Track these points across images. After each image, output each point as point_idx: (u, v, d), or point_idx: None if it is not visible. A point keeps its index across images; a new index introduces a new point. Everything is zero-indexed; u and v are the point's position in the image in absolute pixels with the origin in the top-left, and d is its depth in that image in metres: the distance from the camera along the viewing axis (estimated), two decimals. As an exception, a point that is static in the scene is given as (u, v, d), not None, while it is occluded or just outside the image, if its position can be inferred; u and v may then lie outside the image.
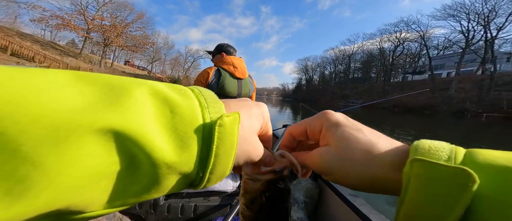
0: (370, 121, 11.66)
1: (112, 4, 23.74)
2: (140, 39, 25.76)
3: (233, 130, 0.14)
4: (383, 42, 31.89)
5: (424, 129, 8.78)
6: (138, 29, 25.67)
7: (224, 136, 0.13)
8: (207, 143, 0.13)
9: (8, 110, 0.07)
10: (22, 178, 0.08)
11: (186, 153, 0.12)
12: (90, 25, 21.31)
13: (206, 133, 0.13)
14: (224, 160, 0.14)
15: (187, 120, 0.12)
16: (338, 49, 44.13)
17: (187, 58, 49.41)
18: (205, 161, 0.13)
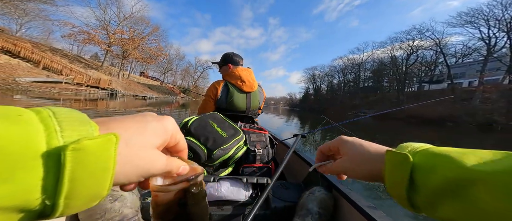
0: (383, 131, 11.01)
1: (131, 18, 25.76)
2: (154, 51, 27.37)
3: (103, 151, 0.13)
4: (395, 50, 30.98)
5: (447, 143, 8.04)
6: (153, 42, 27.41)
7: (85, 160, 0.13)
8: (55, 169, 0.12)
9: None
10: None
11: (3, 185, 0.10)
12: (112, 39, 23.19)
13: (51, 159, 0.12)
14: (90, 183, 0.13)
15: (6, 149, 0.11)
16: (347, 58, 43.50)
17: (197, 68, 51.48)
18: (54, 188, 0.12)
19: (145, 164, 0.17)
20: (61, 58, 18.53)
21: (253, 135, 1.06)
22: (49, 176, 0.12)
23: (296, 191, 0.93)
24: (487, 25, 19.59)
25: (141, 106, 12.14)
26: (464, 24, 21.52)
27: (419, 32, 26.26)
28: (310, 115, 27.11)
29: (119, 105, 11.48)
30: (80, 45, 29.74)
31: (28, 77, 11.52)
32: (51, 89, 12.13)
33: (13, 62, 12.42)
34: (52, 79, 13.23)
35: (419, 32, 26.26)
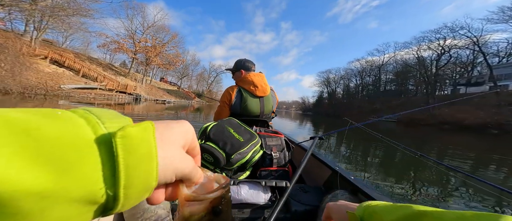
0: (408, 138, 9.97)
1: (154, 27, 28.03)
2: (173, 57, 29.24)
3: (144, 137, 0.14)
4: (422, 50, 28.36)
5: (490, 152, 6.94)
6: (172, 48, 29.37)
7: (132, 146, 0.13)
8: (108, 158, 0.12)
9: None
10: None
11: (67, 177, 0.11)
12: (137, 47, 25.39)
13: (103, 148, 0.12)
14: (141, 171, 0.13)
15: (57, 141, 0.11)
16: (365, 60, 41.32)
17: (211, 73, 53.51)
18: (113, 177, 0.13)
19: (180, 161, 0.17)
20: (97, 66, 20.85)
21: (269, 139, 1.09)
22: (105, 165, 0.12)
23: (317, 195, 0.91)
24: None
25: (161, 110, 12.79)
26: (508, 20, 19.14)
27: (452, 30, 23.79)
28: (325, 119, 26.01)
29: (142, 109, 12.30)
30: (112, 54, 33.13)
31: (70, 84, 13.10)
32: (88, 95, 13.67)
33: (59, 71, 14.26)
34: (89, 86, 14.89)
35: (452, 30, 23.79)
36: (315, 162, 1.28)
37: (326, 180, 1.11)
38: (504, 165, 4.97)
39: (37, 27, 14.81)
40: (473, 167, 4.77)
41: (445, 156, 5.92)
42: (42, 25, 14.83)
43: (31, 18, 12.70)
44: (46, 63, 13.77)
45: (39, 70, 11.97)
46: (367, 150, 6.10)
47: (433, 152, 6.68)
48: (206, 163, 1.02)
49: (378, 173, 3.86)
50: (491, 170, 4.52)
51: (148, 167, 0.14)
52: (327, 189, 0.97)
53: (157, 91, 29.43)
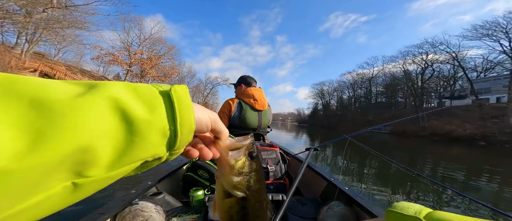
0: (401, 149, 10.10)
1: (150, 39, 28.02)
2: (169, 69, 29.05)
3: (185, 92, 0.21)
4: (407, 64, 30.06)
5: (481, 163, 7.08)
6: (168, 60, 29.27)
7: (180, 97, 0.20)
8: (169, 104, 0.19)
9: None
10: (43, 130, 0.12)
11: (155, 113, 0.18)
12: (132, 59, 25.09)
13: (165, 97, 0.19)
14: (187, 113, 0.20)
15: (147, 92, 0.19)
16: (356, 73, 43.00)
17: (207, 85, 53.74)
18: (173, 115, 0.19)
19: (211, 114, 0.24)
20: (89, 79, 20.45)
21: (264, 152, 1.08)
22: (168, 108, 0.19)
23: (314, 207, 0.91)
24: (508, 38, 18.56)
25: None
26: (481, 37, 20.57)
27: (432, 46, 25.50)
28: (321, 131, 26.15)
29: None
30: (105, 66, 32.62)
31: None
32: None
33: None
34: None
35: (432, 46, 25.50)
36: (311, 173, 1.28)
37: (322, 192, 1.11)
38: (495, 177, 5.10)
39: (29, 40, 14.59)
40: (466, 178, 4.83)
41: (439, 168, 5.98)
42: (35, 37, 14.65)
43: (24, 31, 12.44)
44: (35, 77, 13.41)
45: (27, 83, 11.61)
46: (363, 161, 6.06)
47: (428, 164, 6.77)
48: (202, 180, 1.03)
49: (374, 184, 3.81)
50: (483, 182, 4.58)
51: (189, 112, 0.20)
52: (324, 201, 0.97)
53: (150, 104, 28.89)
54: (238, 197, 0.27)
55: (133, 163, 0.17)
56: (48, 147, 0.12)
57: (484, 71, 24.57)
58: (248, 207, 0.28)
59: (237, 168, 0.26)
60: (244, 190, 0.26)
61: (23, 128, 0.11)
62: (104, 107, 0.15)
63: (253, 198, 0.28)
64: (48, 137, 0.12)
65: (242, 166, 0.26)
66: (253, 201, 0.28)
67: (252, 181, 0.27)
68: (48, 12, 9.48)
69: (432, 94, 29.81)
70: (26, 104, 0.12)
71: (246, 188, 0.26)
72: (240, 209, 0.27)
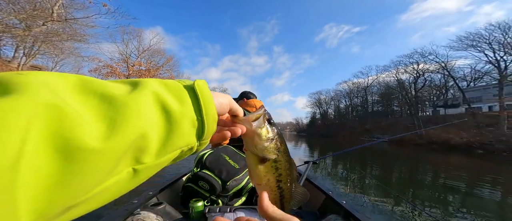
0: (402, 158, 10.00)
1: (149, 51, 28.11)
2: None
3: (205, 87, 0.24)
4: (400, 73, 30.82)
5: (481, 172, 7.00)
6: (166, 72, 29.01)
7: (203, 90, 0.23)
8: (194, 97, 0.22)
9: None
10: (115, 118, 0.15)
11: (185, 105, 0.21)
12: (131, 71, 25.05)
13: (190, 91, 0.22)
14: (210, 104, 0.23)
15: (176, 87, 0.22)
16: (351, 82, 43.67)
17: None
18: (198, 107, 0.22)
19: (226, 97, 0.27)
20: None
21: None
22: (194, 101, 0.22)
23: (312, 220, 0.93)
24: (491, 48, 19.30)
25: None
26: (466, 48, 21.36)
27: (422, 56, 26.25)
28: (320, 140, 25.96)
29: None
30: (103, 78, 32.25)
31: None
32: None
33: None
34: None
35: (422, 56, 26.25)
36: (310, 186, 1.30)
37: (321, 205, 1.12)
38: (497, 186, 5.03)
39: (27, 53, 14.58)
40: (469, 188, 4.74)
41: (441, 177, 5.88)
42: (33, 50, 14.65)
43: (22, 44, 12.43)
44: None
45: (21, 97, 11.40)
46: (363, 171, 5.93)
47: (429, 173, 6.67)
48: (202, 191, 1.04)
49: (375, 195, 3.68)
50: (486, 191, 4.49)
51: (211, 103, 0.23)
52: (322, 214, 0.98)
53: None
54: (271, 160, 0.30)
55: (174, 151, 0.20)
56: (120, 132, 0.14)
57: (473, 80, 25.37)
58: (281, 167, 0.32)
59: (264, 134, 0.29)
60: (275, 151, 0.30)
61: (101, 115, 0.14)
62: (151, 100, 0.18)
63: (283, 157, 0.32)
64: (119, 124, 0.15)
65: (267, 132, 0.30)
66: (284, 160, 0.32)
67: (278, 143, 0.31)
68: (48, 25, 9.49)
69: (426, 103, 30.37)
70: (98, 98, 0.15)
71: (276, 150, 0.30)
72: (274, 170, 0.31)
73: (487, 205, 3.58)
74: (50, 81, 0.14)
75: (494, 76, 20.07)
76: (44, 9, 8.22)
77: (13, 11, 8.23)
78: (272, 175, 0.31)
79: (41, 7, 8.25)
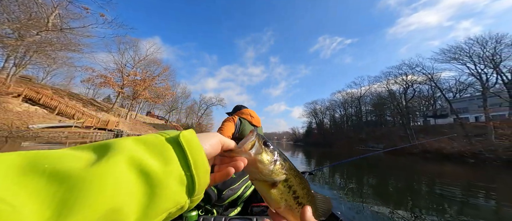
0: (398, 168, 10.02)
1: (145, 60, 27.63)
2: (162, 90, 28.13)
3: (192, 135, 0.22)
4: (391, 84, 31.74)
5: (475, 180, 7.06)
6: (162, 81, 28.49)
7: (190, 142, 0.21)
8: (180, 151, 0.20)
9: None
10: (66, 199, 0.12)
11: (169, 162, 0.19)
12: (125, 81, 24.27)
13: (175, 144, 0.21)
14: (199, 156, 0.21)
15: (157, 143, 0.20)
16: (345, 92, 44.83)
17: (201, 105, 52.89)
18: (186, 161, 0.20)
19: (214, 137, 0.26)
20: (77, 102, 19.59)
21: None
22: (180, 155, 0.20)
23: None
24: (472, 61, 20.17)
25: None
26: (450, 61, 22.22)
27: (410, 67, 27.20)
28: (316, 150, 25.80)
29: None
30: (96, 88, 31.53)
31: (41, 123, 11.84)
32: (60, 134, 12.29)
33: (31, 109, 13.03)
34: (63, 124, 13.51)
35: (410, 67, 27.20)
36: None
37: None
38: (491, 193, 5.12)
39: (17, 63, 14.14)
40: (465, 196, 4.76)
41: (437, 186, 5.90)
42: (24, 60, 14.24)
43: (13, 54, 12.05)
44: (18, 102, 12.63)
45: (8, 110, 10.93)
46: (360, 180, 5.87)
47: (424, 181, 6.69)
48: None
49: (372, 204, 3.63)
50: (482, 199, 4.52)
51: (201, 154, 0.21)
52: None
53: (142, 126, 27.74)
54: (282, 181, 0.29)
55: (159, 216, 0.18)
56: (73, 214, 0.12)
57: (458, 91, 26.51)
58: (293, 184, 0.31)
59: (266, 159, 0.28)
60: (283, 171, 0.29)
61: (46, 200, 0.12)
62: (124, 166, 0.16)
63: (292, 174, 0.31)
64: (71, 206, 0.12)
65: (268, 155, 0.29)
66: (293, 176, 0.31)
67: (282, 161, 0.30)
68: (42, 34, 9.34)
69: (417, 113, 31.28)
70: (46, 178, 0.13)
71: (283, 169, 0.29)
72: (288, 190, 0.30)
73: (482, 213, 3.57)
74: None
75: (477, 87, 20.86)
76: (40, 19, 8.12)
77: (7, 20, 8.10)
78: (288, 195, 0.30)
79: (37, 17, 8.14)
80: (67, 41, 12.04)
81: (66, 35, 10.06)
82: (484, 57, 19.37)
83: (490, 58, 18.83)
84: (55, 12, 7.50)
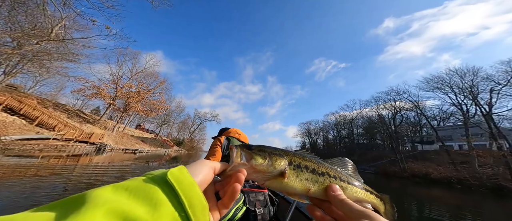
0: (390, 190, 9.98)
1: (143, 73, 27.06)
2: (156, 103, 27.33)
3: (182, 171, 0.20)
4: (380, 109, 32.60)
5: (463, 206, 7.17)
6: (157, 94, 27.86)
7: (179, 179, 0.19)
8: (170, 191, 0.18)
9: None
10: None
11: (159, 207, 0.17)
12: (119, 92, 23.42)
13: (163, 185, 0.19)
14: (193, 192, 0.19)
15: (141, 187, 0.18)
16: (338, 114, 46.02)
17: (195, 120, 51.55)
18: (178, 202, 0.18)
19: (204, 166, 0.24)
20: (61, 113, 18.73)
21: (252, 194, 1.09)
22: (170, 196, 0.18)
23: None
24: (453, 92, 21.15)
25: (128, 160, 11.41)
26: (433, 89, 23.17)
27: (398, 94, 28.31)
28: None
29: (104, 159, 10.81)
30: (85, 100, 30.37)
31: (16, 135, 11.13)
32: (34, 146, 11.43)
33: (9, 120, 12.30)
34: (41, 136, 12.71)
35: (398, 94, 28.31)
36: (299, 216, 1.29)
37: None
38: (478, 219, 5.26)
39: (8, 71, 13.61)
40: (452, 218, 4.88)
41: (425, 209, 5.94)
42: (16, 69, 13.78)
43: (6, 62, 11.66)
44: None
45: (-17, 119, 10.20)
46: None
47: (414, 205, 6.73)
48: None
49: None
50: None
51: (195, 190, 0.19)
52: None
53: (129, 139, 26.45)
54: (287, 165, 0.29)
55: None
56: None
57: (442, 120, 27.91)
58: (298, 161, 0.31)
59: (259, 158, 0.28)
60: (280, 158, 0.29)
61: None
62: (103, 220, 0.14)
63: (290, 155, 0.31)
64: None
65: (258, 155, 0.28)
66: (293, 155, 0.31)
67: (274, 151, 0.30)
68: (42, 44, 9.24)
69: (405, 138, 32.28)
70: None
71: (280, 157, 0.29)
72: (299, 169, 0.30)
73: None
74: None
75: (459, 117, 21.76)
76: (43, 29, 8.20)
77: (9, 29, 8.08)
78: (303, 174, 0.30)
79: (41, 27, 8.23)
80: (66, 51, 11.83)
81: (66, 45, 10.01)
82: (463, 88, 20.32)
83: (469, 90, 19.72)
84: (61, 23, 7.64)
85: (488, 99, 18.34)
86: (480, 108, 18.83)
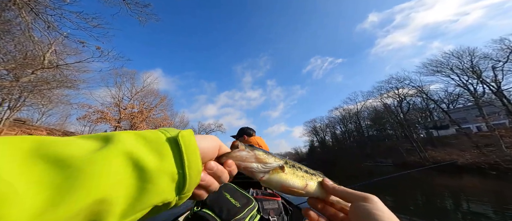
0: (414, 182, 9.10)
1: (142, 92, 27.20)
2: (160, 121, 27.23)
3: (191, 136, 0.23)
4: (384, 98, 31.86)
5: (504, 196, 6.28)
6: (160, 112, 27.79)
7: (187, 142, 0.22)
8: (177, 149, 0.21)
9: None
10: (62, 185, 0.13)
11: (165, 159, 0.20)
12: (122, 114, 23.55)
13: (173, 144, 0.21)
14: (194, 157, 0.22)
15: (156, 140, 0.21)
16: (342, 108, 44.81)
17: (200, 133, 51.52)
18: (181, 160, 0.21)
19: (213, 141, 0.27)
20: None
21: (266, 202, 1.08)
22: (176, 154, 0.21)
23: None
24: (455, 73, 20.68)
25: None
26: (434, 73, 22.79)
27: (398, 81, 27.69)
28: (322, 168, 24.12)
29: None
30: (92, 125, 30.52)
31: None
32: None
33: None
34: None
35: (398, 81, 27.69)
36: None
37: None
38: None
39: (12, 106, 13.72)
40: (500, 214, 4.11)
41: (462, 202, 5.20)
42: (18, 102, 13.90)
43: (8, 97, 11.69)
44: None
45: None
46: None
47: (447, 197, 5.94)
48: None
49: None
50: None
51: (196, 156, 0.22)
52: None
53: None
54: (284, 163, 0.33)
55: (144, 210, 0.19)
56: (65, 201, 0.13)
57: (450, 102, 26.71)
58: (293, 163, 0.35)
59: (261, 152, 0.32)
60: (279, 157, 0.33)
61: (45, 185, 0.13)
62: (119, 159, 0.17)
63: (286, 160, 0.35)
64: (66, 192, 0.13)
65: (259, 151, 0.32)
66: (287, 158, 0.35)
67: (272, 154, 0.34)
68: (38, 73, 9.23)
69: (416, 125, 30.91)
70: (50, 163, 0.14)
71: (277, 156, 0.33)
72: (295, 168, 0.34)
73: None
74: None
75: (468, 97, 21.04)
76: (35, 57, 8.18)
77: (2, 61, 8.09)
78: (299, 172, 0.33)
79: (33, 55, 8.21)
80: (63, 78, 11.84)
81: (62, 71, 9.95)
82: (464, 69, 19.85)
83: (471, 70, 19.19)
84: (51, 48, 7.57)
85: (493, 77, 17.72)
86: (488, 86, 18.17)
